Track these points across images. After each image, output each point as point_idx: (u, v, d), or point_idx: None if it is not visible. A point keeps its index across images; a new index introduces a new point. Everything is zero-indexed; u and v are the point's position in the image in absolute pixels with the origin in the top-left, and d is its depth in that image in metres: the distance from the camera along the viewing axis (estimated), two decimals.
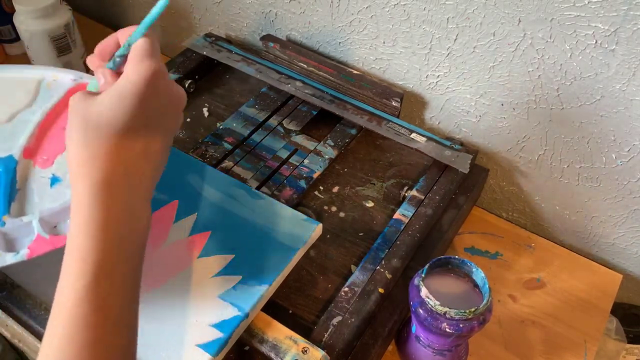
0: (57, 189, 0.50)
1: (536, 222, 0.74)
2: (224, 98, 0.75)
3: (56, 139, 0.53)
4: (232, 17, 0.82)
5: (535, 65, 0.59)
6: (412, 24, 0.64)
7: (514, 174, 0.70)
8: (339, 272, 0.57)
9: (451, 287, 0.50)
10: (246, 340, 0.48)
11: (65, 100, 0.55)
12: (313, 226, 0.54)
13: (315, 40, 0.76)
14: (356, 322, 0.51)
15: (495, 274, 0.64)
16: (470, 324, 0.46)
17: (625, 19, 0.51)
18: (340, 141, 0.68)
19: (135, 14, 0.95)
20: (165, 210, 0.55)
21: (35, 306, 0.50)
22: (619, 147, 0.60)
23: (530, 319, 0.60)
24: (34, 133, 0.53)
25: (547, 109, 0.62)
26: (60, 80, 0.57)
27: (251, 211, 0.55)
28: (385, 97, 0.69)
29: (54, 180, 0.50)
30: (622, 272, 0.67)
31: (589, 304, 0.62)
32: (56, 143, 0.53)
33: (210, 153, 0.65)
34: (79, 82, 0.57)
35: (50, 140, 0.53)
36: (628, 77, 0.54)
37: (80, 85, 0.57)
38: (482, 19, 0.59)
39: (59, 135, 0.54)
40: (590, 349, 0.58)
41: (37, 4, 0.72)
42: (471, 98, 0.66)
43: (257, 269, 0.51)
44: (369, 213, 0.62)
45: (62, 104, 0.55)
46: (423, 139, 0.66)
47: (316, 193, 0.64)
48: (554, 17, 0.54)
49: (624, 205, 0.64)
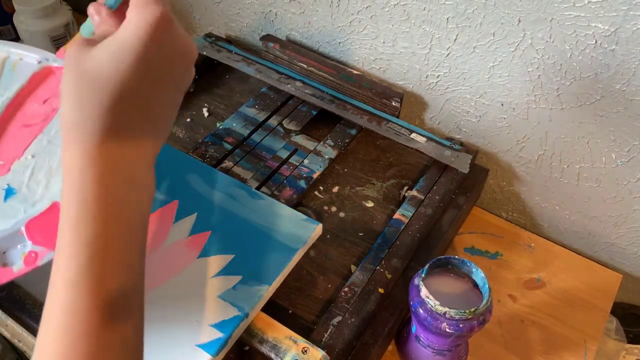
0: (10, 203, 0.41)
1: (536, 222, 0.74)
2: (223, 98, 0.75)
3: (14, 140, 0.44)
4: (232, 17, 0.82)
5: (535, 65, 0.59)
6: (412, 24, 0.64)
7: (514, 174, 0.70)
8: (339, 272, 0.57)
9: (451, 287, 0.50)
10: (246, 340, 0.48)
11: (28, 89, 0.47)
12: (313, 226, 0.54)
13: (315, 40, 0.76)
14: (356, 322, 0.51)
15: (495, 274, 0.64)
16: (470, 324, 0.46)
17: (625, 19, 0.51)
18: (340, 141, 0.68)
19: None
20: (165, 210, 0.55)
21: (35, 306, 0.50)
22: (619, 147, 0.60)
23: (530, 319, 0.60)
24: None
25: (547, 109, 0.62)
26: (26, 60, 0.49)
27: (251, 211, 0.55)
28: (385, 97, 0.69)
29: (8, 193, 0.42)
30: (622, 272, 0.68)
31: (589, 304, 0.62)
32: (14, 145, 0.44)
33: (210, 153, 0.65)
34: (45, 65, 0.49)
35: (8, 141, 0.44)
36: (628, 77, 0.54)
37: (46, 68, 0.48)
38: (482, 19, 0.59)
39: (18, 135, 0.45)
40: (590, 349, 0.58)
41: (37, 4, 0.72)
42: (471, 98, 0.66)
43: (257, 269, 0.51)
44: (369, 213, 0.62)
45: (24, 94, 0.47)
46: (423, 139, 0.66)
47: (316, 193, 0.64)
48: (554, 17, 0.54)
49: (624, 205, 0.64)
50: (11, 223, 0.40)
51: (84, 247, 0.31)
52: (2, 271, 0.38)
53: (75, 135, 0.31)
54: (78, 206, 0.31)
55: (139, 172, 0.33)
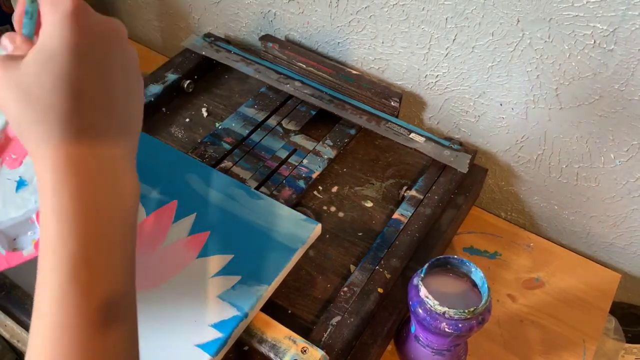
0: (22, 194, 0.44)
1: (535, 222, 0.74)
2: (223, 98, 0.75)
3: None
4: (231, 17, 0.82)
5: (534, 65, 0.59)
6: (410, 24, 0.64)
7: (513, 173, 0.70)
8: (338, 272, 0.57)
9: (450, 287, 0.50)
10: (245, 340, 0.48)
11: None
12: (312, 226, 0.54)
13: (314, 40, 0.76)
14: (355, 321, 0.51)
15: (494, 274, 0.64)
16: (469, 323, 0.46)
17: (623, 19, 0.51)
18: (339, 141, 0.68)
19: (133, 15, 0.95)
20: (164, 210, 0.55)
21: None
22: (618, 147, 0.60)
23: (529, 319, 0.60)
24: (4, 127, 0.46)
25: (545, 109, 0.62)
26: None
27: (250, 211, 0.55)
28: (384, 97, 0.69)
29: (20, 184, 0.45)
30: (621, 271, 0.68)
31: (588, 303, 0.62)
32: None
33: (209, 153, 0.65)
34: None
35: None
36: (626, 77, 0.54)
37: None
38: (480, 19, 0.59)
39: None
40: (589, 349, 0.58)
41: None
42: (470, 98, 0.66)
43: (257, 269, 0.51)
44: (368, 213, 0.62)
45: None
46: (422, 138, 0.66)
47: (315, 193, 0.64)
48: (553, 17, 0.54)
49: (623, 205, 0.64)
50: (22, 212, 0.42)
51: (67, 259, 0.30)
52: (13, 255, 0.40)
53: (40, 149, 0.30)
54: (57, 225, 0.30)
55: (116, 173, 0.32)
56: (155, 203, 0.56)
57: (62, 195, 0.30)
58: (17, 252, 0.41)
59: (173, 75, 0.73)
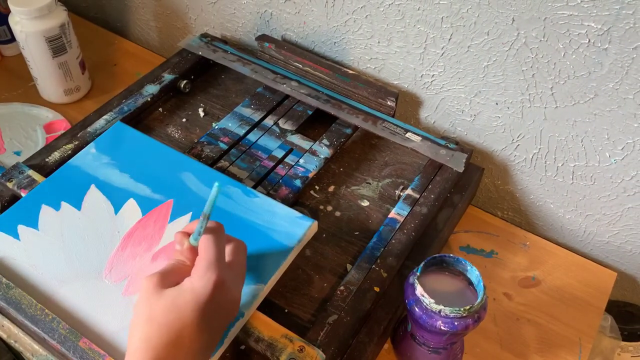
0: None
1: (531, 221, 0.74)
2: (219, 98, 0.75)
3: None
4: (228, 18, 0.82)
5: (529, 64, 0.59)
6: (406, 23, 0.65)
7: (509, 172, 0.71)
8: (334, 271, 0.57)
9: (446, 286, 0.50)
10: (242, 339, 0.48)
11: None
12: (308, 223, 0.54)
13: (311, 40, 0.76)
14: (352, 320, 0.51)
15: (490, 272, 0.64)
16: (465, 321, 0.46)
17: (617, 17, 0.51)
18: (336, 141, 0.68)
19: (130, 15, 0.95)
20: (160, 209, 0.55)
21: (31, 307, 0.50)
22: (613, 146, 0.60)
23: (525, 317, 0.61)
24: None
25: (541, 108, 0.62)
26: None
27: (246, 209, 0.55)
28: (381, 97, 0.69)
29: None
30: (617, 270, 0.68)
31: (584, 301, 0.62)
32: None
33: (206, 153, 0.65)
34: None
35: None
36: (621, 75, 0.54)
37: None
38: (476, 18, 0.59)
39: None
40: (585, 347, 0.59)
41: (32, 5, 0.71)
42: (466, 97, 0.67)
43: (253, 267, 0.51)
44: (365, 212, 0.62)
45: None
46: (418, 138, 0.66)
47: (312, 192, 0.64)
48: (547, 16, 0.54)
49: (618, 204, 0.65)
50: None
51: None
52: None
53: (141, 353, 0.39)
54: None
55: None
56: (151, 202, 0.56)
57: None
58: None
59: (170, 76, 0.73)
